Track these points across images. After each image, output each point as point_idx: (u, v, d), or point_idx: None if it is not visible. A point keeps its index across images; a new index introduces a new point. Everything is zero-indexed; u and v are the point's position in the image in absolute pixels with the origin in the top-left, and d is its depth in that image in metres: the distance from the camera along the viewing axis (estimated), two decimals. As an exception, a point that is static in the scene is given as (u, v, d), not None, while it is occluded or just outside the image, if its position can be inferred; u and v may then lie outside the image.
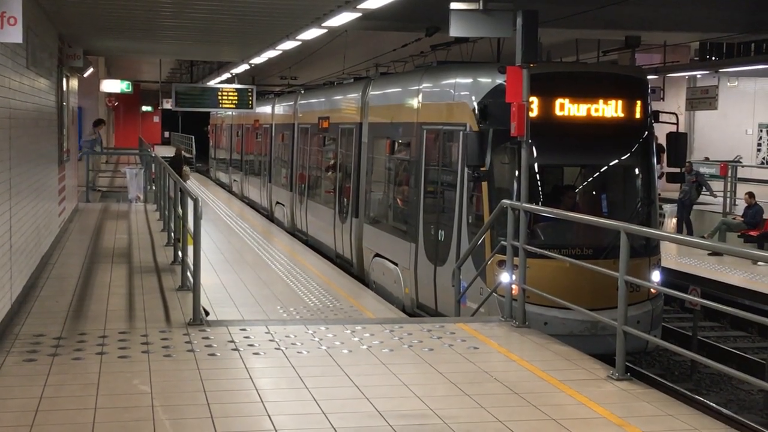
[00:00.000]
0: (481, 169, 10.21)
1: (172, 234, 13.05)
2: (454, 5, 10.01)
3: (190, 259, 8.98)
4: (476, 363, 7.16)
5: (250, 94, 20.67)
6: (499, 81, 10.22)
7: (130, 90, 30.87)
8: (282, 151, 22.47)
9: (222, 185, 33.45)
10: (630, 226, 7.27)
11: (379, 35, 17.18)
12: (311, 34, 13.24)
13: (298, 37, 13.86)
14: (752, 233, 17.52)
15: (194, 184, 29.93)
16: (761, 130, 30.34)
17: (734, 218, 18.72)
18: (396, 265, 12.60)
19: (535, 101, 9.98)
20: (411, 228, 12.06)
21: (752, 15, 15.39)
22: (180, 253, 10.85)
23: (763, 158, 30.20)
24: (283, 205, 21.56)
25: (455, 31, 10.28)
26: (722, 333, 13.79)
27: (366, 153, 14.64)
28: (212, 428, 5.52)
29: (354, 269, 14.81)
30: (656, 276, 10.54)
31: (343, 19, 11.20)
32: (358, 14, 10.67)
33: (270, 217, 22.80)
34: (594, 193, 11.21)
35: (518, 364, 7.19)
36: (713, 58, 21.35)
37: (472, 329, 8.34)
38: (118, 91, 30.10)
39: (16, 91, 9.09)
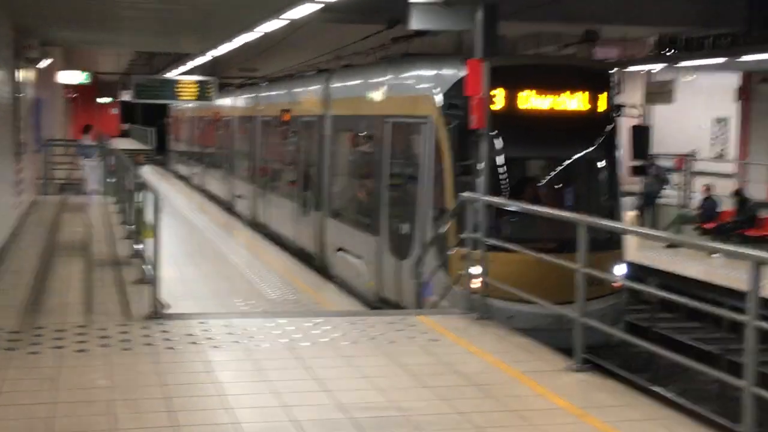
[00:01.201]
0: (465, 163, 10.13)
1: (131, 227, 12.94)
2: (414, -1, 10.02)
3: (148, 252, 8.90)
4: (437, 355, 7.17)
5: (210, 86, 20.57)
6: (463, 74, 10.19)
7: (88, 81, 30.49)
8: (243, 143, 22.34)
9: (182, 178, 33.24)
10: (588, 219, 7.23)
11: (341, 28, 17.09)
12: (271, 26, 13.18)
13: (258, 29, 13.79)
14: (707, 226, 17.75)
15: (153, 176, 29.70)
16: (717, 124, 30.73)
17: (690, 211, 18.96)
18: (359, 258, 12.53)
19: (498, 93, 9.99)
20: (374, 221, 11.97)
21: (708, 10, 15.56)
22: (139, 246, 10.76)
23: (719, 152, 30.60)
24: (245, 199, 21.45)
25: (416, 24, 10.29)
26: (678, 324, 13.96)
27: (329, 146, 14.53)
28: (171, 422, 5.48)
29: (316, 263, 14.71)
30: (620, 269, 10.50)
31: (303, 11, 11.16)
32: (319, 6, 10.64)
33: (231, 210, 22.68)
34: (558, 186, 11.14)
35: (478, 356, 7.21)
36: (670, 53, 21.58)
37: (433, 322, 8.35)
38: (76, 82, 29.73)
39: (-30, 82, 8.95)
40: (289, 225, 16.67)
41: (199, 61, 24.05)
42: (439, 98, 10.40)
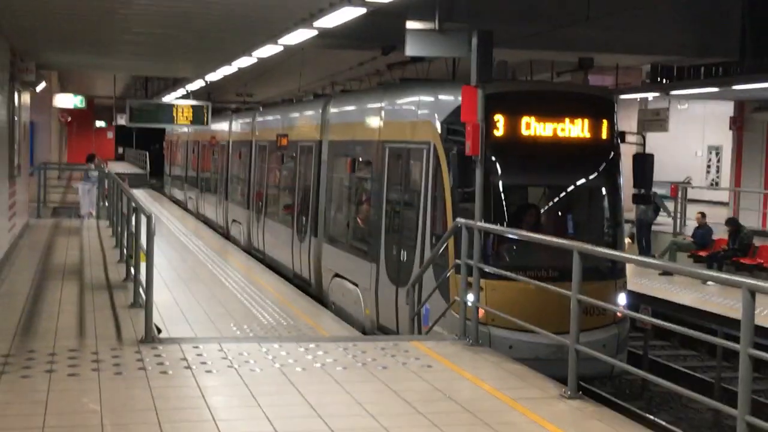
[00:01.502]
0: (465, 189, 10.00)
1: (125, 250, 12.91)
2: (410, 25, 10.07)
3: (142, 276, 8.88)
4: (430, 381, 7.15)
5: (205, 110, 20.60)
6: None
7: (83, 105, 30.54)
8: (239, 168, 22.25)
9: (177, 202, 33.17)
10: (583, 246, 7.17)
11: (336, 53, 17.19)
12: (268, 51, 13.23)
13: (255, 54, 13.84)
14: (701, 253, 17.78)
15: (148, 200, 29.69)
16: (710, 152, 30.84)
17: (684, 239, 18.98)
18: (356, 285, 12.40)
19: (500, 119, 9.91)
20: (372, 248, 11.86)
21: (701, 39, 15.69)
22: (132, 270, 10.73)
23: (713, 180, 30.71)
24: (240, 224, 21.32)
25: (411, 50, 10.33)
26: (672, 352, 13.93)
27: (325, 171, 14.44)
28: (163, 447, 5.45)
29: (312, 289, 14.58)
30: (622, 299, 10.32)
31: (299, 36, 11.20)
32: (315, 32, 10.68)
33: (226, 235, 22.54)
34: (559, 214, 11.02)
35: (471, 382, 7.19)
36: (664, 81, 21.70)
37: (426, 347, 8.33)
38: (71, 106, 29.76)
39: (-34, 105, 8.96)
40: (285, 251, 16.52)
41: (195, 85, 24.12)
42: (438, 124, 10.32)
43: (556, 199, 11.00)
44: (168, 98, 29.20)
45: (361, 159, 12.94)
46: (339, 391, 6.80)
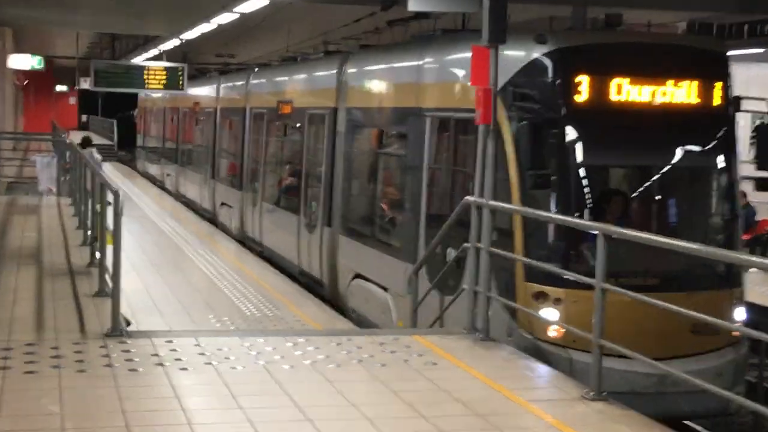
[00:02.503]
0: (539, 172, 8.81)
1: (89, 232, 12.92)
2: (413, -25, 10.03)
3: (109, 261, 8.88)
4: (434, 380, 7.16)
5: (180, 73, 20.61)
6: (536, 54, 9.11)
7: (42, 67, 30.53)
8: (230, 140, 21.64)
9: (152, 179, 32.98)
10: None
11: (329, 8, 17.12)
12: (251, 5, 13.20)
13: (236, 9, 13.82)
14: (744, 237, 17.59)
15: (117, 176, 29.67)
16: (755, 121, 30.69)
17: None
18: (386, 290, 11.36)
19: (583, 81, 8.83)
20: (407, 243, 10.79)
21: (745, -7, 15.58)
22: (98, 254, 10.74)
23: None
24: (231, 207, 20.62)
25: (414, 5, 10.27)
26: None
27: (342, 145, 13.43)
28: (132, 454, 5.47)
29: (325, 290, 13.75)
30: (740, 314, 9.07)
31: (287, -12, 11.17)
32: (305, -16, 10.66)
33: (213, 220, 22.05)
34: (657, 203, 9.70)
35: (482, 381, 7.20)
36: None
37: (430, 342, 8.35)
38: (28, 67, 29.80)
39: None
40: (288, 242, 15.60)
41: (169, 45, 24.07)
42: (501, 87, 9.07)
43: (658, 184, 9.60)
44: (138, 59, 29.18)
45: (391, 131, 12.06)
46: (331, 391, 6.81)
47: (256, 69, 20.99)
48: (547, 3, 13.47)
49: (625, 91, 8.91)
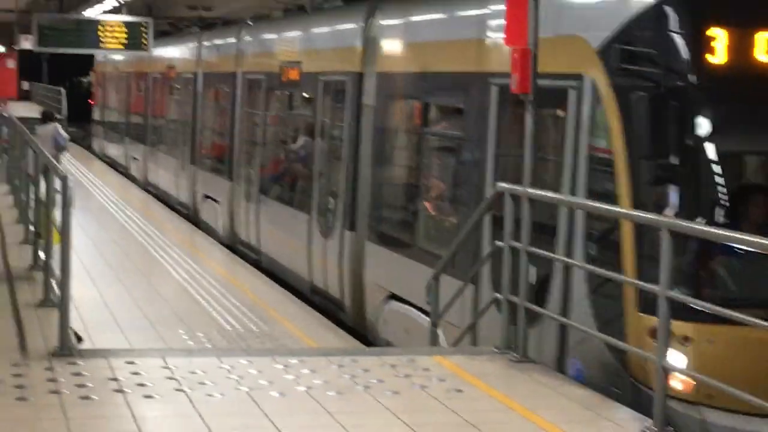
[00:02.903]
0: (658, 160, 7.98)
1: (31, 227, 12.96)
2: None
3: (56, 264, 8.91)
4: (459, 412, 7.16)
5: (144, 29, 20.63)
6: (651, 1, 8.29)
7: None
8: (215, 115, 21.11)
9: (113, 163, 32.70)
10: None
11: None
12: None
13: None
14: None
15: (65, 157, 29.69)
16: None
17: None
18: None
19: (721, 36, 7.91)
20: (464, 257, 9.87)
21: None
22: (42, 254, 10.77)
23: None
24: (217, 201, 20.00)
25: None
26: None
27: (371, 123, 12.74)
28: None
29: (346, 315, 13.06)
30: None
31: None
32: None
33: (193, 217, 21.60)
34: None
35: (519, 413, 7.22)
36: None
37: (454, 364, 8.37)
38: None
39: None
40: (297, 250, 14.79)
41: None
42: (602, 44, 8.41)
43: None
44: (92, 13, 29.21)
45: (442, 104, 11.44)
46: (331, 425, 6.81)
47: (251, 23, 20.15)
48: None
49: None
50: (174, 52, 24.69)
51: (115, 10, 26.70)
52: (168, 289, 13.07)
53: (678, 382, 7.39)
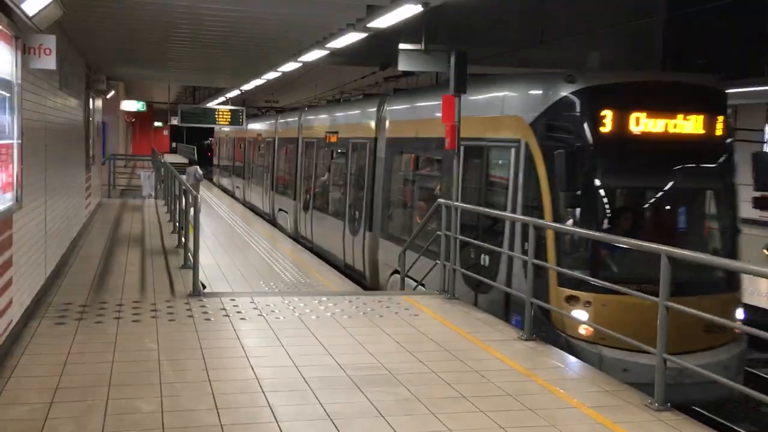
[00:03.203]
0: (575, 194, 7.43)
1: (177, 223, 12.91)
2: (402, 46, 10.02)
3: (191, 243, 8.88)
4: (416, 327, 7.17)
5: (240, 113, 20.52)
6: (564, 93, 7.71)
7: (144, 109, 30.41)
8: (285, 162, 19.87)
9: (224, 189, 32.34)
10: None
11: (343, 69, 17.10)
12: (290, 66, 13.17)
13: (280, 69, 13.78)
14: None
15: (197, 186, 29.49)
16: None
17: None
18: (422, 285, 9.37)
19: (606, 115, 7.50)
20: (436, 245, 8.90)
21: (630, 58, 15.38)
22: (183, 239, 10.74)
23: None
24: (286, 212, 19.09)
25: (403, 66, 10.26)
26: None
27: (382, 167, 11.79)
28: (206, 376, 5.47)
29: (366, 282, 11.90)
30: (740, 314, 7.70)
31: (315, 55, 11.15)
32: (327, 52, 10.63)
33: (272, 221, 20.61)
34: (666, 219, 8.11)
35: (449, 327, 7.21)
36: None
37: (414, 300, 8.35)
38: (134, 109, 29.61)
39: (50, 108, 8.92)
40: (336, 242, 13.62)
41: (233, 93, 24.01)
42: (532, 120, 7.85)
43: (669, 202, 8.05)
44: (211, 103, 29.07)
45: (425, 156, 10.55)
46: (344, 334, 6.82)
47: (306, 108, 19.75)
48: (493, 65, 13.46)
49: (642, 123, 7.58)
50: (261, 126, 24.33)
51: (224, 102, 26.57)
52: (254, 258, 13.00)
53: (583, 330, 7.06)
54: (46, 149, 8.55)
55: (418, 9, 7.39)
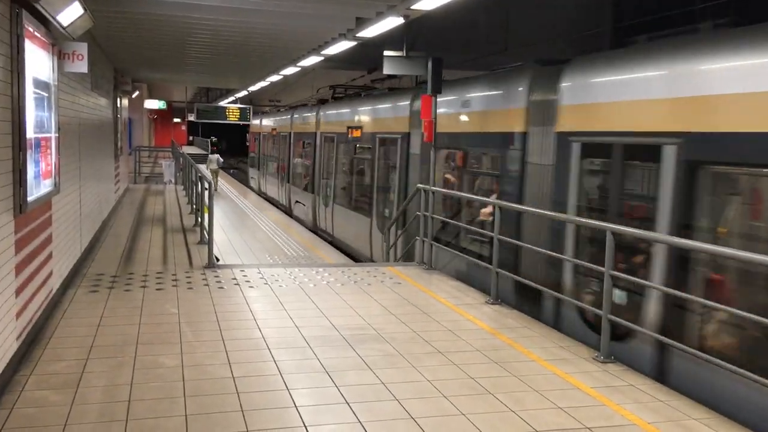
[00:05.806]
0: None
1: (194, 206, 12.85)
2: (386, 53, 9.98)
3: (206, 223, 8.85)
4: (399, 293, 7.19)
5: (248, 111, 20.43)
6: None
7: (164, 107, 30.14)
8: (302, 156, 17.99)
9: (240, 180, 30.61)
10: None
11: (336, 72, 17.00)
12: (290, 70, 13.08)
13: (282, 73, 13.69)
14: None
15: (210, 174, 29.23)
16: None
17: None
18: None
19: None
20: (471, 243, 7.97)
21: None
22: (199, 218, 10.69)
23: None
24: (304, 205, 17.05)
25: (387, 70, 10.21)
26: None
27: (418, 163, 9.98)
28: (220, 336, 5.48)
29: None
30: None
31: (311, 60, 11.09)
32: (322, 57, 10.58)
33: (288, 212, 19.00)
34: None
35: (427, 293, 7.24)
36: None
37: (398, 270, 8.37)
38: (156, 107, 29.34)
39: (84, 106, 8.83)
40: (362, 237, 12.08)
41: (241, 93, 23.83)
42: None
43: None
44: (223, 102, 28.84)
45: (464, 150, 8.66)
46: (338, 299, 6.83)
47: (324, 104, 16.72)
48: (465, 69, 13.42)
49: None
50: (275, 121, 22.03)
51: (234, 101, 26.40)
52: (262, 237, 12.96)
53: None
54: (80, 142, 8.47)
55: (400, 21, 7.39)
